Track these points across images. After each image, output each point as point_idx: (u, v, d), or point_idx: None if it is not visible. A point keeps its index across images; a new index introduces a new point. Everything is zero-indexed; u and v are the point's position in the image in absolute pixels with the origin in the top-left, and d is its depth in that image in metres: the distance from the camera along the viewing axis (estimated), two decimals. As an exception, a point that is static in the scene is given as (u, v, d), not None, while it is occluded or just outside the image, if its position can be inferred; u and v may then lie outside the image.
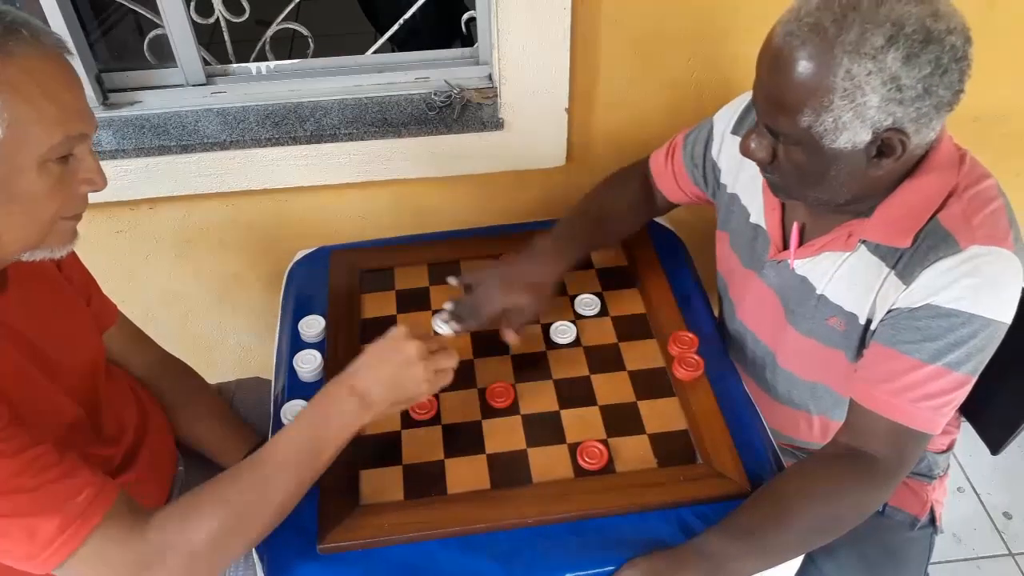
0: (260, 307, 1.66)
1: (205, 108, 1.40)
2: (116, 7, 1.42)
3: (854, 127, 0.81)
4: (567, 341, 1.18)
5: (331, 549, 0.94)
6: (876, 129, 0.81)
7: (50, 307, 0.94)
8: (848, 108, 0.80)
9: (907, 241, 0.91)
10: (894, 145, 0.83)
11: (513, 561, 0.94)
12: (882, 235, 0.93)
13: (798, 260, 1.02)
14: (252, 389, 1.32)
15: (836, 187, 0.89)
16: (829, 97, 0.80)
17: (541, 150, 1.43)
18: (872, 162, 0.85)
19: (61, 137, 0.75)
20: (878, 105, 0.79)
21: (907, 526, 1.16)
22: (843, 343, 1.01)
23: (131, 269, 1.55)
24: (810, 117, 0.82)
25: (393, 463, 1.03)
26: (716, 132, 1.15)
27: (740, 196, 1.12)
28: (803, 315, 1.04)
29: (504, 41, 1.27)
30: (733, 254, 1.15)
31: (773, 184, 0.97)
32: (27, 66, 0.73)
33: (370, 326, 1.22)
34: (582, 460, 1.01)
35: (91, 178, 0.81)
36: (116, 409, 1.02)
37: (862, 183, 0.89)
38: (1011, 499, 1.79)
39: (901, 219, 0.91)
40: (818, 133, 0.83)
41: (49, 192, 0.77)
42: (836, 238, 0.97)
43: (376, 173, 1.42)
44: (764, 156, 0.91)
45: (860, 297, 0.96)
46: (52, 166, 0.76)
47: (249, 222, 1.51)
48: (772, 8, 1.30)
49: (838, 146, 0.83)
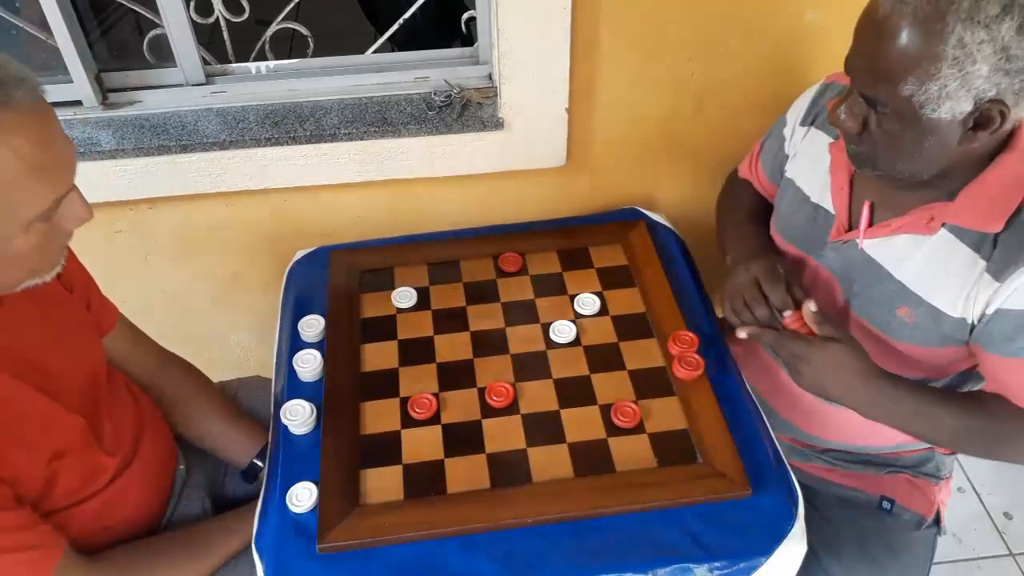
0: (260, 307, 1.66)
1: (205, 108, 1.40)
2: (115, 7, 1.41)
3: (958, 96, 0.80)
4: (567, 340, 1.18)
5: (331, 548, 0.94)
6: (979, 100, 0.81)
7: (47, 320, 0.93)
8: (956, 77, 0.79)
9: (999, 225, 0.90)
10: (993, 116, 0.82)
11: (513, 561, 0.94)
12: (970, 219, 0.92)
13: (868, 240, 1.01)
14: (255, 387, 1.32)
15: (927, 159, 0.88)
16: (937, 65, 0.79)
17: (541, 150, 1.43)
18: (967, 134, 0.85)
19: (50, 203, 0.75)
20: (986, 75, 0.78)
21: (913, 526, 1.16)
22: (912, 335, 0.99)
23: (131, 269, 1.55)
24: (914, 85, 0.81)
25: (393, 463, 1.03)
26: (787, 132, 1.15)
27: (795, 179, 1.12)
28: (870, 298, 1.02)
29: (504, 41, 1.27)
30: (779, 236, 1.15)
31: (856, 155, 0.95)
32: (5, 139, 0.70)
33: (370, 326, 1.22)
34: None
35: (79, 216, 0.80)
36: (115, 412, 1.02)
37: (952, 157, 0.88)
38: (1011, 499, 1.79)
39: (991, 202, 0.90)
40: (919, 102, 0.82)
41: (37, 247, 0.77)
42: (915, 220, 0.96)
43: (376, 173, 1.41)
44: (854, 125, 0.90)
45: (950, 291, 0.94)
46: (39, 224, 0.76)
47: (249, 222, 1.51)
48: (772, 7, 1.31)
49: (938, 116, 0.82)
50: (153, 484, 1.07)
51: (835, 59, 0.95)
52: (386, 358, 1.17)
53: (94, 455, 0.95)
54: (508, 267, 1.30)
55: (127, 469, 1.01)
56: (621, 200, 1.53)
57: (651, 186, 1.54)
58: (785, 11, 1.32)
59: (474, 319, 1.22)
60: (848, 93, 0.90)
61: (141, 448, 1.04)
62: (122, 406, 1.04)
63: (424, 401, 1.09)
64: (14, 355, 0.86)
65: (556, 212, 1.49)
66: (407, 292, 1.25)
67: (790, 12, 1.32)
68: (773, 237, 1.17)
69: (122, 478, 0.99)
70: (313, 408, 1.08)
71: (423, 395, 1.10)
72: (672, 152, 1.50)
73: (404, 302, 1.24)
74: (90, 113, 1.38)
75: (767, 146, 1.22)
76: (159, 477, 1.09)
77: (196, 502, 1.13)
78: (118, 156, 1.34)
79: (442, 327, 1.21)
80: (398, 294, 1.25)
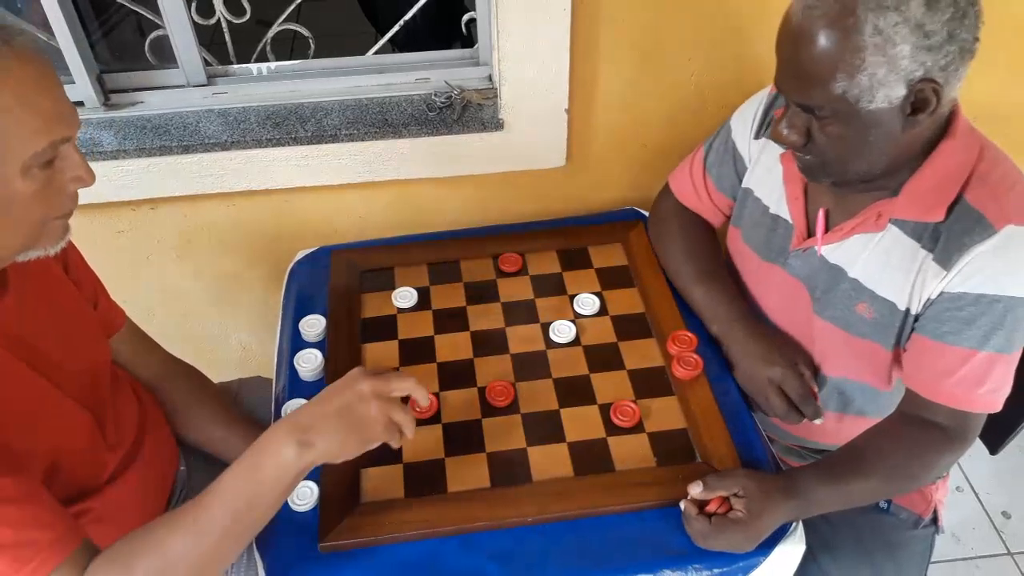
0: (261, 307, 1.67)
1: (206, 109, 1.41)
2: (117, 8, 1.42)
3: (889, 81, 0.82)
4: (567, 340, 1.18)
5: (332, 548, 0.95)
6: (910, 81, 0.82)
7: (54, 310, 0.93)
8: (882, 63, 0.81)
9: (940, 214, 0.91)
10: (928, 97, 0.84)
11: (513, 560, 0.94)
12: (914, 211, 0.93)
13: (826, 246, 1.02)
14: (256, 388, 1.32)
15: (876, 154, 0.90)
16: (861, 56, 0.81)
17: (541, 150, 1.43)
18: (908, 120, 0.86)
19: (45, 144, 0.74)
20: (910, 55, 0.80)
21: (910, 525, 1.17)
22: (874, 333, 1.01)
23: (132, 269, 1.55)
24: (844, 82, 0.83)
25: (393, 462, 1.03)
26: (740, 144, 1.15)
27: (754, 189, 1.13)
28: (830, 301, 1.03)
29: (504, 41, 1.28)
30: (747, 248, 1.15)
31: (807, 167, 0.96)
32: (3, 75, 0.71)
33: (370, 326, 1.22)
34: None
35: (79, 175, 0.80)
36: (118, 410, 1.02)
37: (900, 145, 0.89)
38: (1010, 499, 1.80)
39: (931, 192, 0.92)
40: (854, 96, 0.84)
41: (37, 196, 0.76)
42: (865, 219, 0.97)
43: (376, 173, 1.42)
44: (799, 138, 0.91)
45: (898, 282, 0.96)
46: (37, 171, 0.76)
47: (250, 222, 1.51)
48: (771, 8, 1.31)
49: (875, 106, 0.84)
50: (153, 484, 1.07)
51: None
52: (386, 358, 1.17)
53: (95, 450, 0.95)
54: (508, 267, 1.31)
55: (128, 467, 1.01)
56: (621, 200, 1.53)
57: (651, 186, 1.54)
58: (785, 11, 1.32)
59: (474, 319, 1.23)
60: (786, 109, 0.92)
61: (142, 447, 1.04)
62: (125, 405, 1.05)
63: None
64: (27, 344, 0.87)
65: (556, 212, 1.50)
66: (407, 292, 1.26)
67: (789, 13, 1.32)
68: (741, 249, 1.17)
69: (122, 476, 0.99)
70: (314, 408, 1.08)
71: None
72: (672, 152, 1.50)
73: (404, 302, 1.25)
74: (92, 114, 1.39)
75: (714, 158, 1.20)
76: (160, 477, 1.09)
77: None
78: (120, 157, 1.34)
79: (442, 327, 1.22)
80: (398, 294, 1.26)
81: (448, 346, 1.19)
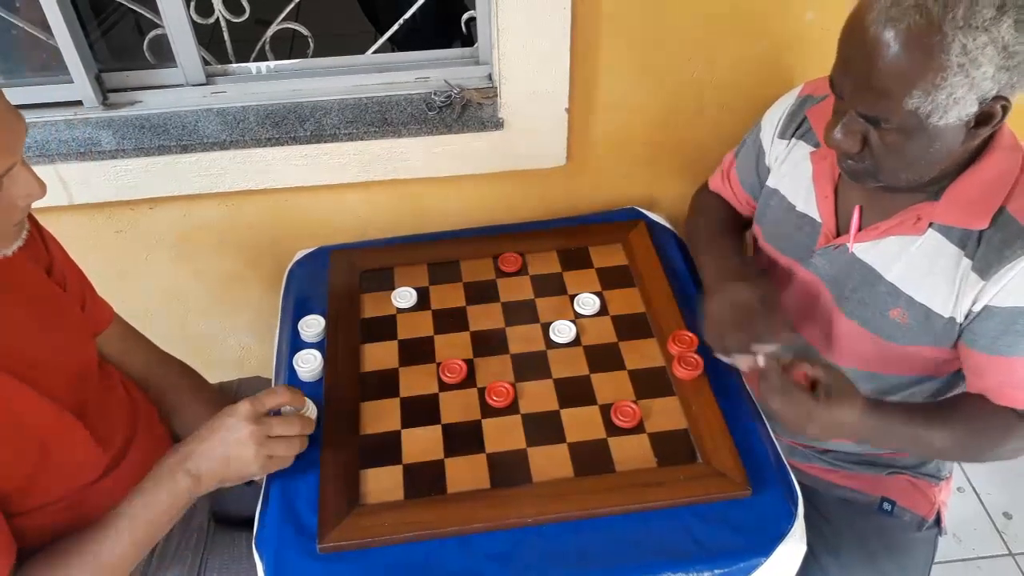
0: (260, 307, 1.66)
1: (205, 108, 1.40)
2: (116, 7, 1.41)
3: (966, 101, 0.80)
4: (567, 340, 1.18)
5: (331, 548, 0.94)
6: (983, 99, 0.80)
7: (35, 314, 0.92)
8: (963, 83, 0.78)
9: (985, 222, 0.90)
10: (995, 112, 0.82)
11: (513, 561, 0.94)
12: (956, 217, 0.92)
13: (858, 244, 1.01)
14: (255, 388, 1.32)
15: (930, 164, 0.88)
16: (943, 75, 0.78)
17: (541, 150, 1.43)
18: (970, 132, 0.85)
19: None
20: (992, 76, 0.78)
21: (914, 526, 1.16)
22: (908, 337, 0.99)
23: (131, 269, 1.55)
24: (919, 99, 0.80)
25: (393, 463, 1.03)
26: (766, 144, 1.15)
27: (779, 188, 1.12)
28: (862, 302, 1.02)
29: (504, 41, 1.27)
30: (769, 246, 1.15)
31: (855, 171, 0.94)
32: None
33: (370, 326, 1.22)
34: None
35: (29, 192, 0.79)
36: (106, 409, 1.02)
37: (953, 156, 0.88)
38: (1011, 499, 1.79)
39: (976, 199, 0.91)
40: (926, 112, 0.81)
41: None
42: (903, 221, 0.96)
43: (376, 173, 1.42)
44: (854, 144, 0.89)
45: (940, 290, 0.95)
46: None
47: (249, 222, 1.51)
48: (771, 7, 1.31)
49: (945, 122, 0.82)
50: None
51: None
52: (386, 358, 1.17)
53: (81, 450, 0.94)
54: (508, 267, 1.30)
55: (117, 467, 1.00)
56: (621, 200, 1.53)
57: (651, 186, 1.55)
58: (785, 11, 1.32)
59: (474, 319, 1.22)
60: (841, 112, 0.89)
61: (133, 447, 1.03)
62: (114, 404, 1.04)
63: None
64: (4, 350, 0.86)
65: (556, 212, 1.50)
66: (407, 292, 1.25)
67: (790, 12, 1.32)
68: (763, 248, 1.17)
69: (111, 476, 0.99)
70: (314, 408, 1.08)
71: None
72: (672, 152, 1.50)
73: (404, 302, 1.24)
74: (90, 113, 1.38)
75: (743, 156, 1.21)
76: None
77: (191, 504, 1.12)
78: (118, 156, 1.34)
79: (442, 327, 1.21)
80: (398, 294, 1.25)
81: (448, 346, 1.18)
